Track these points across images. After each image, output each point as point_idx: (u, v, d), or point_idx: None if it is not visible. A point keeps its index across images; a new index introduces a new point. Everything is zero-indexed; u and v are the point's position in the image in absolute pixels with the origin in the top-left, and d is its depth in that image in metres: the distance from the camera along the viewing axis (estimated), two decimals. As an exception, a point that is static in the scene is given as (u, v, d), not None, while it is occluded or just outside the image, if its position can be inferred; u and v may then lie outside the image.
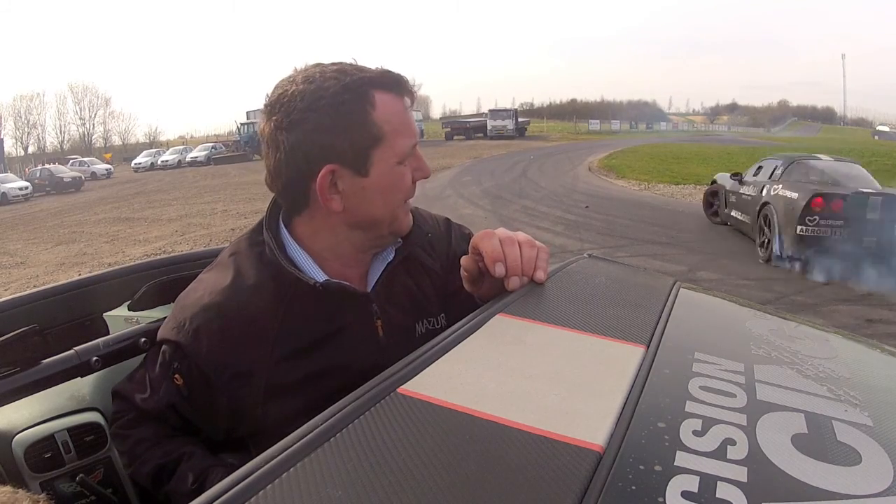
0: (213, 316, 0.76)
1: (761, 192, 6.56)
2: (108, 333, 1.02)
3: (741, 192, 7.25)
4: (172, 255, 1.37)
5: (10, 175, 22.91)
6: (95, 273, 1.22)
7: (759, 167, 7.30)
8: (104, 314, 1.15)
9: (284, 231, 0.81)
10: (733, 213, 7.48)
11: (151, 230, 10.25)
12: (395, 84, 0.75)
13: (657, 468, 0.42)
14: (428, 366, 0.55)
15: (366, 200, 0.76)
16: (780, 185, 6.24)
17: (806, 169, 6.52)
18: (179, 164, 30.87)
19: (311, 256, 0.80)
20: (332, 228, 0.79)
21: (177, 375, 0.78)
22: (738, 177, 7.52)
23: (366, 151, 0.74)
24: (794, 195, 5.82)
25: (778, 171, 6.67)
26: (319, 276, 0.79)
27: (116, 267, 1.27)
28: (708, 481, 0.41)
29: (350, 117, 0.72)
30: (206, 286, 0.80)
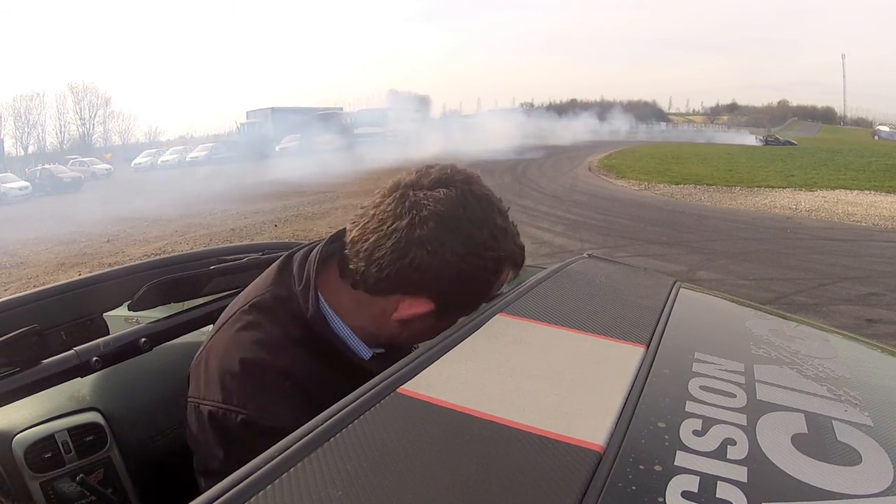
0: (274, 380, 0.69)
1: None
2: (108, 333, 1.02)
3: None
4: (172, 255, 1.37)
5: (9, 175, 22.76)
6: (95, 273, 1.22)
7: None
8: (104, 314, 1.15)
9: (321, 299, 0.74)
10: None
11: (151, 230, 10.24)
12: (519, 265, 0.76)
13: (657, 468, 0.42)
14: (428, 366, 0.55)
15: (420, 334, 0.75)
16: None
17: None
18: (179, 164, 30.88)
19: (350, 329, 0.75)
20: (374, 318, 0.74)
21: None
22: None
23: (462, 309, 0.71)
24: None
25: None
26: (365, 351, 0.76)
27: (116, 267, 1.27)
28: (708, 481, 0.41)
29: (476, 282, 0.71)
30: (244, 347, 0.70)
